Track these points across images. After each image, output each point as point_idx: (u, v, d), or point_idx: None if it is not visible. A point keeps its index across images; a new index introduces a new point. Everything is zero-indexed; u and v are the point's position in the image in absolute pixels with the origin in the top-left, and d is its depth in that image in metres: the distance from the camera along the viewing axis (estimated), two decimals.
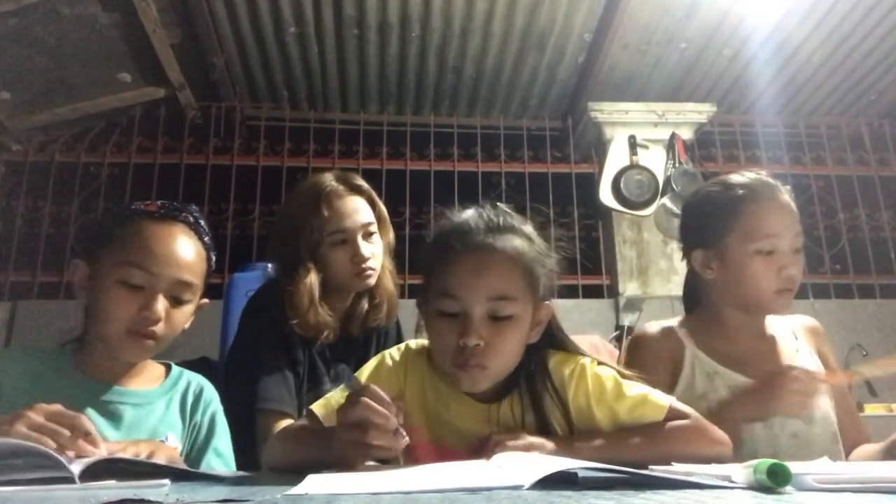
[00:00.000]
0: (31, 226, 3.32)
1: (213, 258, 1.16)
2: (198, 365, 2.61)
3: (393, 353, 1.04)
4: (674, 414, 0.95)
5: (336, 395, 0.99)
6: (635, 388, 0.97)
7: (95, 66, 3.06)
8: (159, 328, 1.03)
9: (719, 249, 1.25)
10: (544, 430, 0.96)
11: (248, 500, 0.50)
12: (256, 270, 2.61)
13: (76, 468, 0.66)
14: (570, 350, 1.03)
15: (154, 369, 1.16)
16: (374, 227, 1.46)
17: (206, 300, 1.15)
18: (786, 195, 1.25)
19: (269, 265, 1.68)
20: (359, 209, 1.44)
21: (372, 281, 1.44)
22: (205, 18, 2.96)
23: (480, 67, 3.42)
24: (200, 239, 1.12)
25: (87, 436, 0.81)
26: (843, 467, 0.67)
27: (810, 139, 3.81)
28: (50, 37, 2.80)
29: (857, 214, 3.68)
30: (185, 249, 1.08)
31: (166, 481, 0.66)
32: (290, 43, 3.19)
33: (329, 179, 1.46)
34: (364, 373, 1.04)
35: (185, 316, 1.09)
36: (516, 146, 3.68)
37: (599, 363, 1.01)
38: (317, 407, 0.97)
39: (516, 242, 0.95)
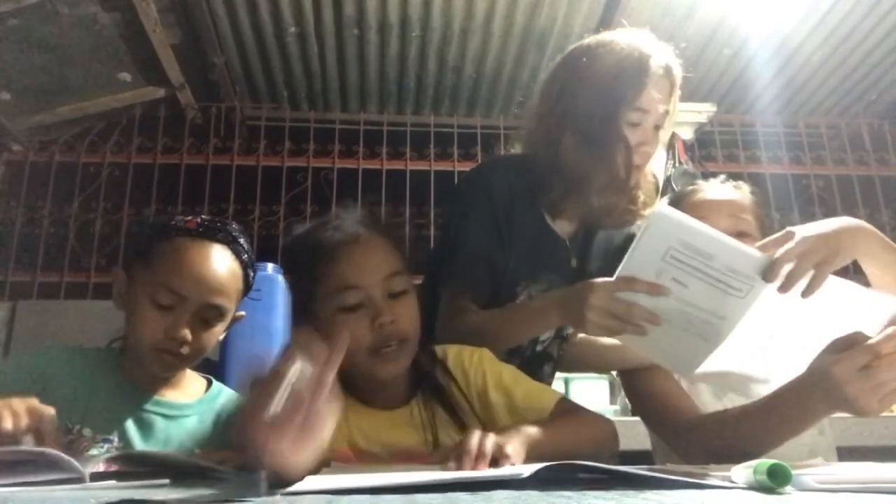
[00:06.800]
0: (32, 226, 3.31)
1: (253, 274, 1.17)
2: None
3: None
4: (564, 403, 1.00)
5: None
6: (532, 381, 1.04)
7: (95, 66, 3.06)
8: (185, 349, 1.05)
9: None
10: (457, 422, 0.99)
11: (248, 501, 0.50)
12: (257, 271, 2.61)
13: (87, 469, 0.66)
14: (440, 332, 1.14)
15: (194, 383, 1.18)
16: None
17: (242, 313, 1.17)
18: None
19: None
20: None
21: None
22: (205, 18, 2.96)
23: (480, 67, 3.41)
24: (238, 258, 1.12)
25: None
26: (844, 468, 0.67)
27: (810, 139, 3.81)
28: (50, 37, 2.80)
29: (858, 214, 3.67)
30: (219, 271, 1.08)
31: (166, 481, 0.66)
32: (290, 43, 3.19)
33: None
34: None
35: (214, 336, 1.10)
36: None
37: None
38: None
39: (377, 225, 1.03)
